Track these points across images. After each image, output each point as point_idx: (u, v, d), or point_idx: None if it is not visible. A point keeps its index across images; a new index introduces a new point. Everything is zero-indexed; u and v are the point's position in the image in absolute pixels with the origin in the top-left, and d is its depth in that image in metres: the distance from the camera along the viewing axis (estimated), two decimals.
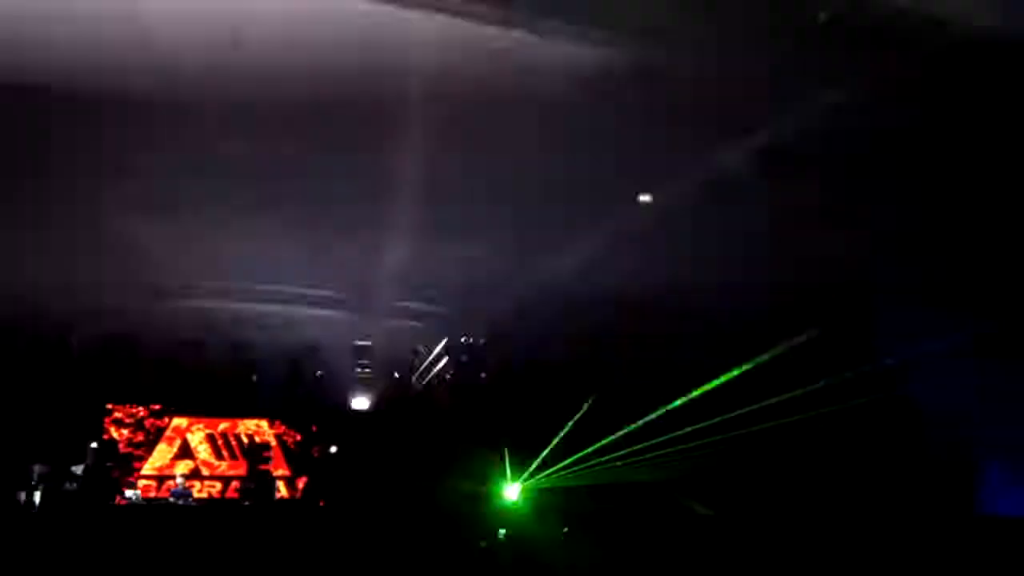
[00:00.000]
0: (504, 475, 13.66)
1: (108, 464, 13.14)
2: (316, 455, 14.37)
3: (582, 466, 13.14)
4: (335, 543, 9.94)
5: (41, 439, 12.11)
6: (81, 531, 10.39)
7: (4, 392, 11.94)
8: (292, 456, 14.30)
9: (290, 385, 13.55)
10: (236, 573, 9.18)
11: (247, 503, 13.17)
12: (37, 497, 11.16)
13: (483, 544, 10.19)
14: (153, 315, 11.26)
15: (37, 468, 11.51)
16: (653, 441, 12.25)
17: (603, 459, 12.91)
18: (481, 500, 12.90)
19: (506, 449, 13.56)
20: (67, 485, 11.82)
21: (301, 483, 14.18)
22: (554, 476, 13.49)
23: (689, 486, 12.46)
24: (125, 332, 12.18)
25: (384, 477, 12.89)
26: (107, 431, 13.70)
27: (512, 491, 13.59)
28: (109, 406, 13.82)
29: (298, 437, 14.38)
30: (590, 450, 12.95)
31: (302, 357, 13.31)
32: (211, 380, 13.45)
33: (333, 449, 14.49)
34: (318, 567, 9.50)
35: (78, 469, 12.15)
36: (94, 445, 13.16)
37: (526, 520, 12.56)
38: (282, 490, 14.00)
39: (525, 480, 13.68)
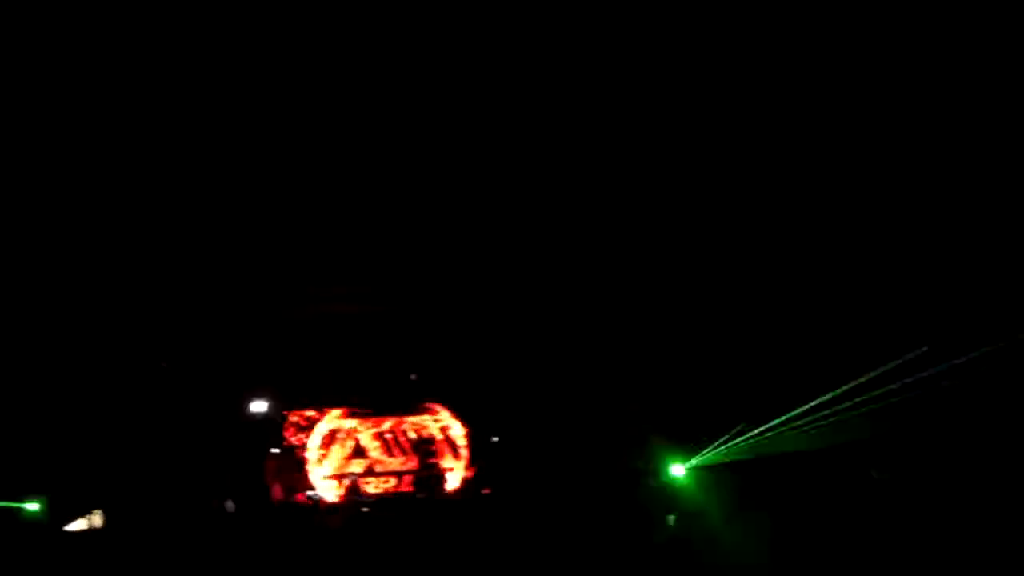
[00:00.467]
0: (669, 452, 13.37)
1: (290, 467, 13.89)
2: (481, 445, 14.58)
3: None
4: (511, 532, 10.00)
5: (228, 447, 12.93)
6: (271, 531, 11.00)
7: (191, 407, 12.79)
8: (458, 448, 14.58)
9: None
10: (417, 562, 9.40)
11: (421, 496, 13.57)
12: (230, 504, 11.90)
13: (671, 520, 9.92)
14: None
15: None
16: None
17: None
18: (652, 479, 12.68)
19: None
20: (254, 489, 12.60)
21: (469, 474, 14.45)
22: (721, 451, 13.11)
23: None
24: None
25: (550, 463, 12.91)
26: (286, 437, 14.41)
27: (677, 469, 13.29)
28: (284, 412, 14.52)
29: (464, 429, 14.63)
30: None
31: None
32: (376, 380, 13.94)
33: (495, 439, 14.64)
34: (496, 557, 9.57)
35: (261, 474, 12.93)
36: (275, 450, 13.95)
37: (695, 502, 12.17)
38: (452, 482, 14.32)
39: (689, 457, 13.37)
